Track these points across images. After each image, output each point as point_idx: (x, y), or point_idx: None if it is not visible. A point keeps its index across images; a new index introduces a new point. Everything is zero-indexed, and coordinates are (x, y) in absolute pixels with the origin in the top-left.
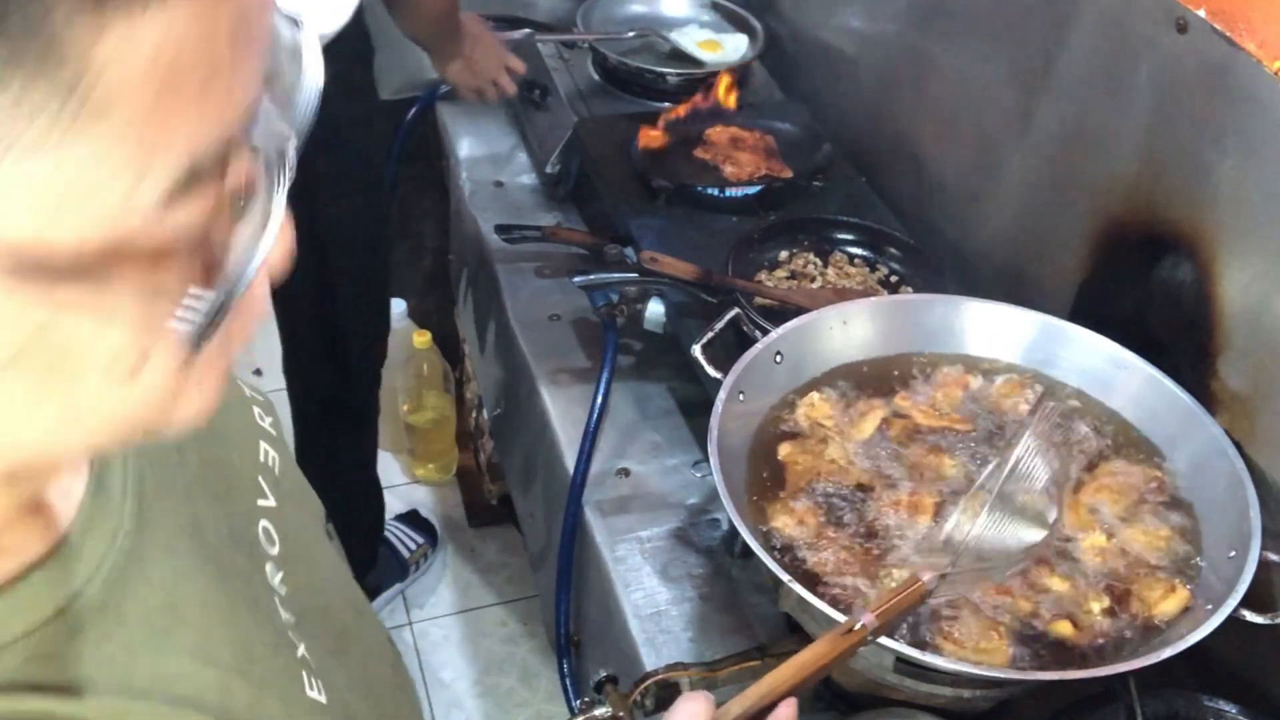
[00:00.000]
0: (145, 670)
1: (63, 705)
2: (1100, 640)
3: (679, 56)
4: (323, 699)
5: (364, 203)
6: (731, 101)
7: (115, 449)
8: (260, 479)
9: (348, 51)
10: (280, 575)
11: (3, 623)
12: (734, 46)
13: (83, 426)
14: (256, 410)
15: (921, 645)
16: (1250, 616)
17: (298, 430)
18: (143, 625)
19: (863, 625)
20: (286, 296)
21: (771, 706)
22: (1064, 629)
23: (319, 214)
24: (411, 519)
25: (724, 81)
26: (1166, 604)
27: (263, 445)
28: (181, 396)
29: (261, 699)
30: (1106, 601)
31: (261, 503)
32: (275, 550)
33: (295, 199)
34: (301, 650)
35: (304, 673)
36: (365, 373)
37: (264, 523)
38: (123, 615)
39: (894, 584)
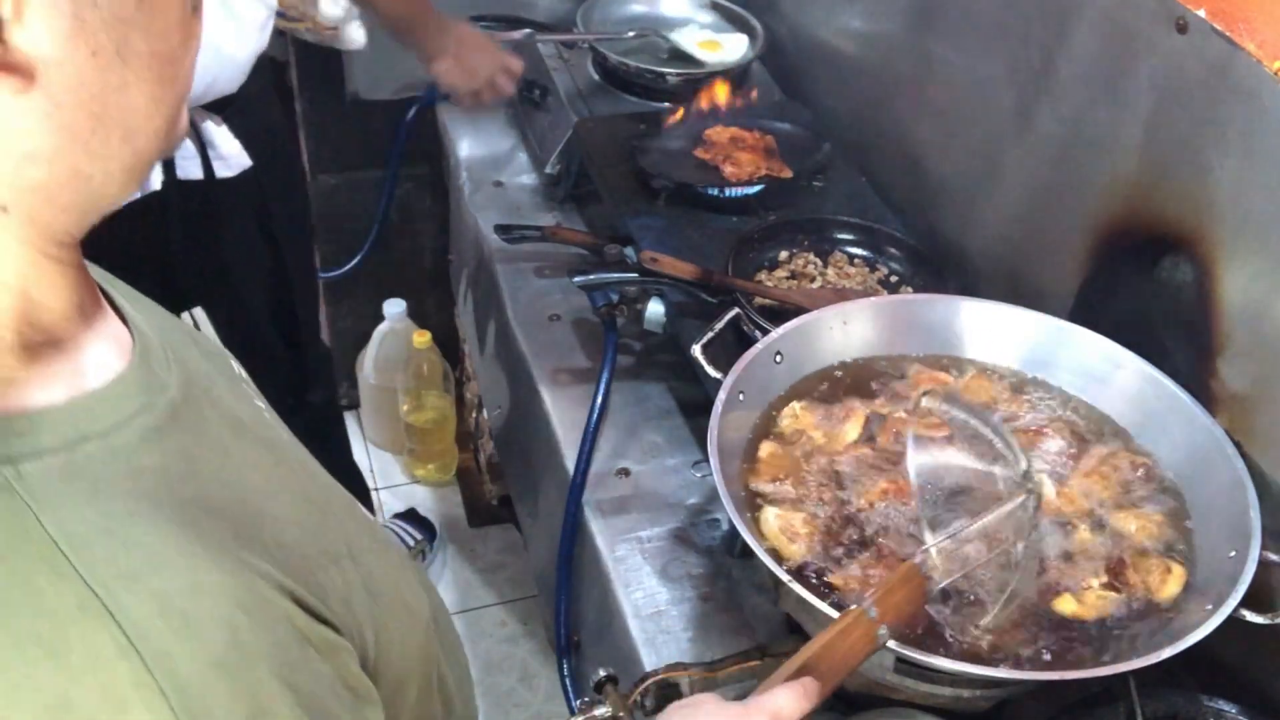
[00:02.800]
0: (236, 463)
1: (182, 464)
2: (1105, 616)
3: (679, 56)
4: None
5: (302, 201)
6: (723, 101)
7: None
8: (244, 386)
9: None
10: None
11: (120, 400)
12: (734, 46)
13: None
14: (234, 364)
15: (944, 640)
16: (1250, 616)
17: None
18: (223, 429)
19: (858, 606)
20: (247, 297)
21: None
22: (1069, 606)
23: (272, 216)
24: (410, 517)
25: (720, 87)
26: (1168, 586)
27: (235, 365)
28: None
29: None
30: (1105, 578)
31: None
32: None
33: (251, 211)
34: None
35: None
36: (319, 359)
37: (257, 402)
38: (205, 420)
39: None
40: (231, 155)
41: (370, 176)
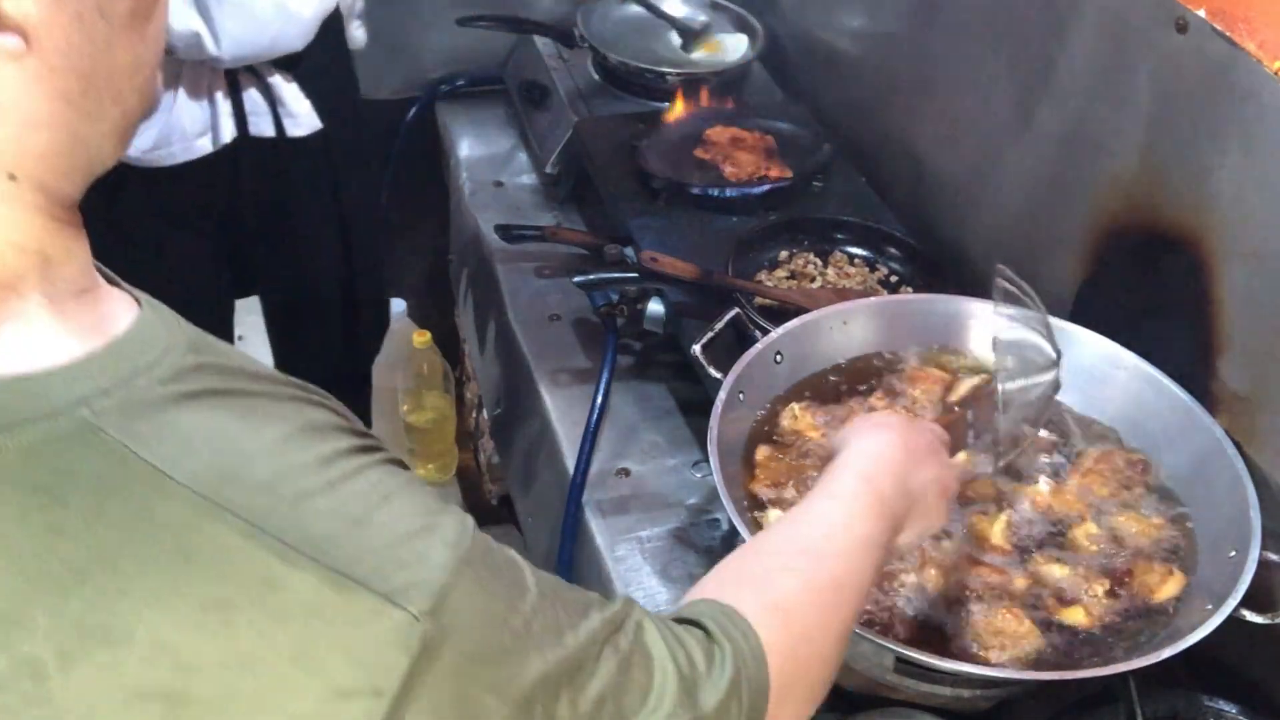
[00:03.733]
0: (263, 389)
1: (220, 380)
2: (1107, 622)
3: (676, 59)
4: None
5: (371, 179)
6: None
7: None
8: None
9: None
10: None
11: (150, 339)
12: (734, 46)
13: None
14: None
15: (959, 647)
16: (1250, 616)
17: None
18: (239, 360)
19: (960, 411)
20: (312, 273)
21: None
22: (1075, 615)
23: (343, 189)
24: None
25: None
26: (1166, 588)
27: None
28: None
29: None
30: (1107, 584)
31: None
32: None
33: (325, 182)
34: None
35: None
36: (365, 363)
37: None
38: (216, 346)
39: None
40: (302, 114)
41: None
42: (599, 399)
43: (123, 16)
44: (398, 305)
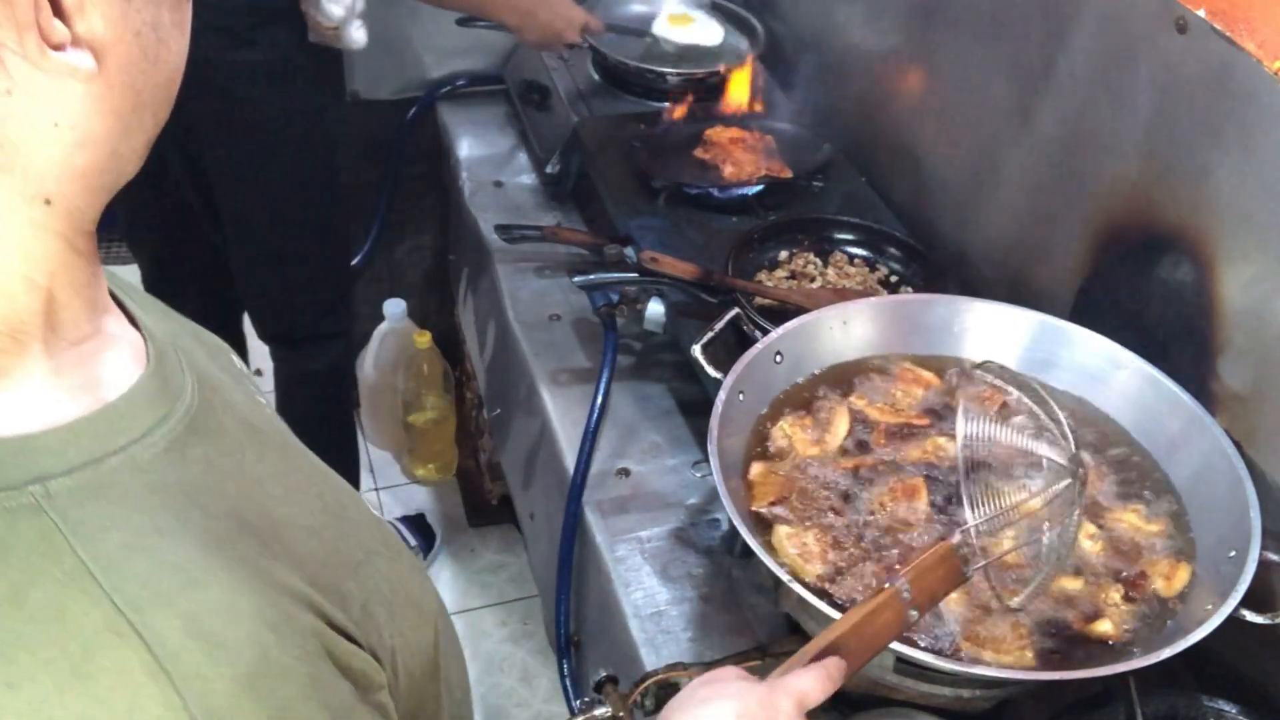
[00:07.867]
0: (255, 472)
1: (205, 477)
2: (1130, 627)
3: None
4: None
5: (314, 179)
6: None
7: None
8: (247, 382)
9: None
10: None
11: (140, 412)
12: (707, 27)
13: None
14: (234, 358)
15: (954, 652)
16: (1250, 616)
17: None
18: (240, 434)
19: (892, 585)
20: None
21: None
22: (1103, 627)
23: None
24: (408, 521)
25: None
26: (1176, 580)
27: (235, 358)
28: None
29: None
30: (1121, 589)
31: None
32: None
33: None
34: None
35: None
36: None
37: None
38: (222, 426)
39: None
40: None
41: (370, 176)
42: (599, 399)
43: (167, 29)
44: (398, 305)
